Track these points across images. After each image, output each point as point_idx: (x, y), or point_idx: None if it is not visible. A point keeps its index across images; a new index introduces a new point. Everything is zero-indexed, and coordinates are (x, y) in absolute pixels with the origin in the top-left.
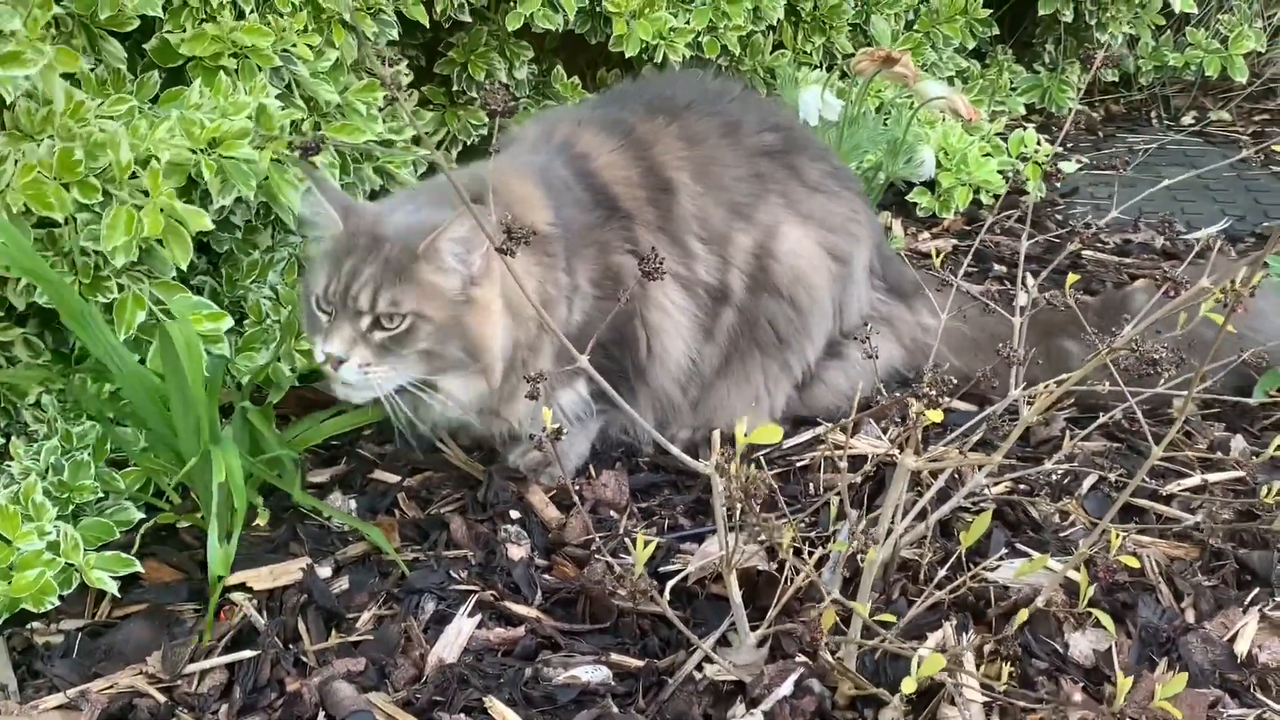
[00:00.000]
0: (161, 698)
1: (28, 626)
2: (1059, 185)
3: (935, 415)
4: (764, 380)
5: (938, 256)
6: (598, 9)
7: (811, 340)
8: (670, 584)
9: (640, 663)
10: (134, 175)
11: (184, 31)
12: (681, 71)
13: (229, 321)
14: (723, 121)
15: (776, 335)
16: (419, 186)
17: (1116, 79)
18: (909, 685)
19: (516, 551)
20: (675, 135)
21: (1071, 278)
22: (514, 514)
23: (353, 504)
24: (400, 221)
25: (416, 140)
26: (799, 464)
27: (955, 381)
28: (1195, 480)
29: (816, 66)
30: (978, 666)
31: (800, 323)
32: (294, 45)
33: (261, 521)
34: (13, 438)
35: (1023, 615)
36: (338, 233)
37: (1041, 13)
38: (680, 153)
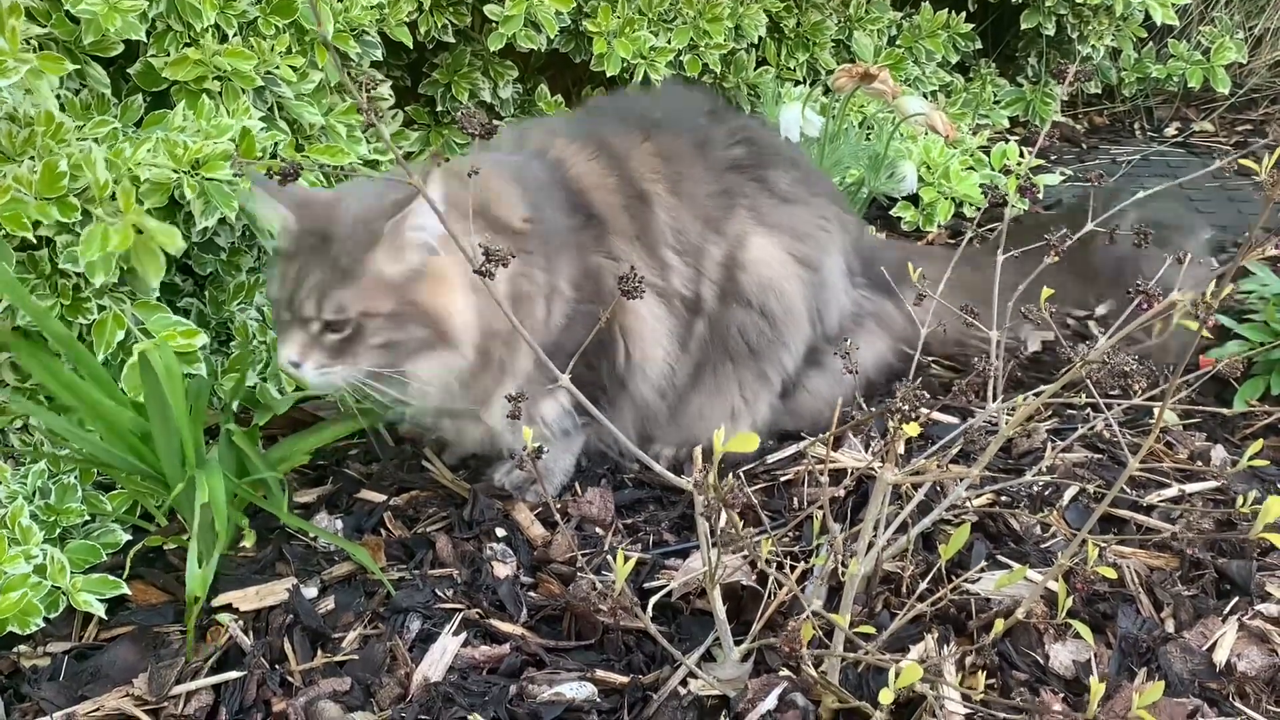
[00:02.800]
0: (147, 719)
1: (14, 649)
2: (1040, 198)
3: (912, 430)
4: (739, 391)
5: (915, 275)
6: (579, 28)
7: (788, 349)
8: (655, 599)
9: (625, 679)
10: (114, 196)
11: (167, 55)
12: (660, 87)
13: (204, 338)
14: (694, 138)
15: (748, 345)
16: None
17: (1099, 91)
18: (886, 696)
19: (502, 569)
20: (650, 151)
21: (1046, 292)
22: (500, 531)
23: (339, 523)
24: (355, 209)
25: (410, 158)
26: (783, 478)
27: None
28: (1175, 491)
29: (800, 83)
30: (960, 678)
31: (773, 333)
32: (277, 67)
33: (248, 543)
34: (0, 461)
35: (999, 626)
36: (292, 229)
37: (1024, 26)
38: (655, 167)
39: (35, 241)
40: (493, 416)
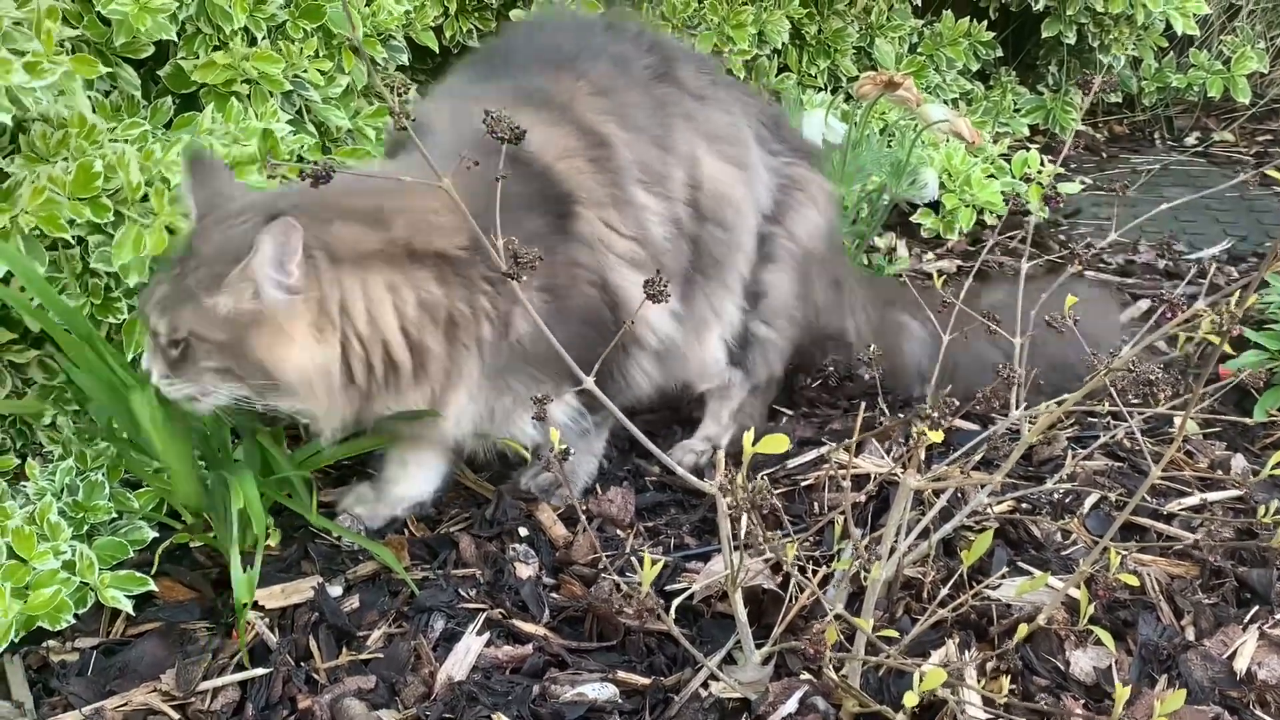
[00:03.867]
0: (176, 715)
1: (43, 645)
2: (1062, 206)
3: (936, 436)
4: (709, 304)
5: (939, 278)
6: None
7: (743, 250)
8: (676, 602)
9: (647, 680)
10: (145, 198)
11: (197, 58)
12: (544, 19)
13: None
14: (611, 59)
15: (715, 258)
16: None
17: (1120, 100)
18: (910, 699)
19: (524, 570)
20: (587, 90)
21: (1071, 300)
22: (522, 532)
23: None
24: (232, 233)
25: None
26: (803, 483)
27: None
28: (1195, 499)
29: (821, 89)
30: (980, 683)
31: (730, 239)
32: (305, 71)
33: (274, 542)
34: (28, 458)
35: (1023, 630)
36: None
37: (1044, 35)
38: (598, 105)
39: (68, 242)
40: (450, 424)
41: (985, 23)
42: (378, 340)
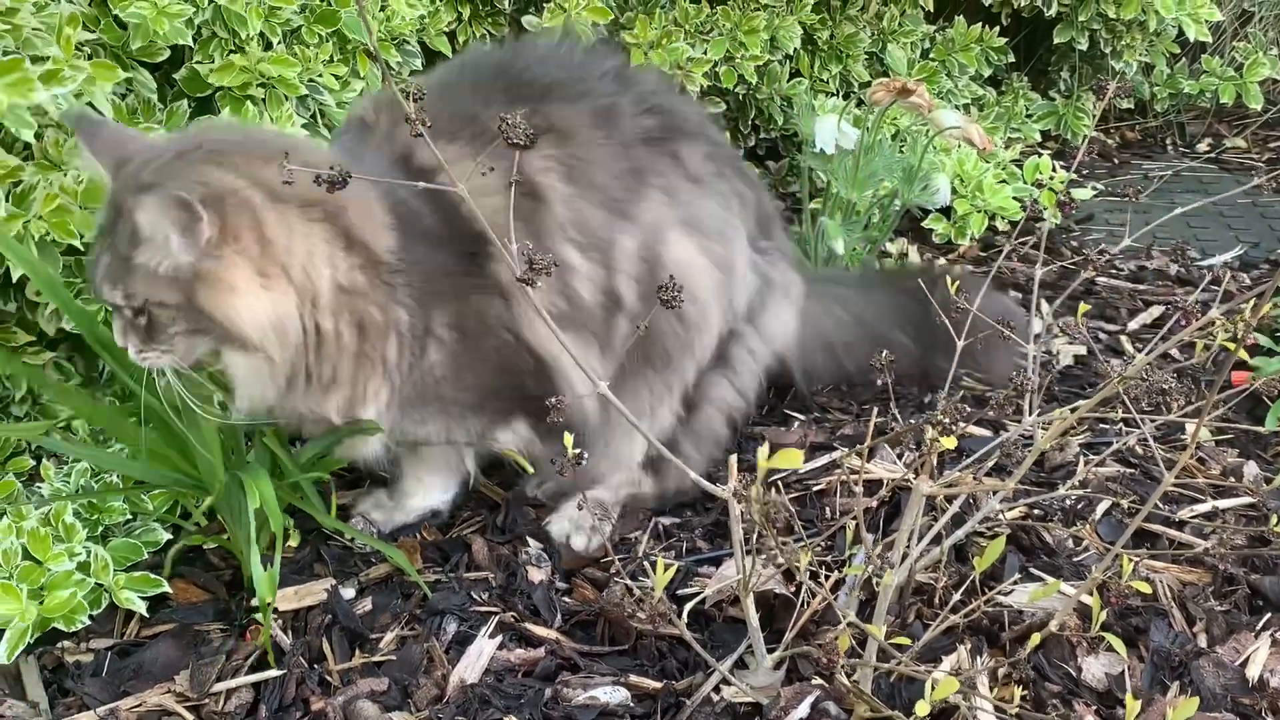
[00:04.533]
0: (190, 716)
1: (58, 645)
2: (1074, 213)
3: (949, 442)
4: (649, 398)
5: (953, 287)
6: (614, 39)
7: (694, 357)
8: (688, 606)
9: (658, 684)
10: None
11: (213, 62)
12: (543, 42)
13: None
14: (594, 106)
15: (664, 349)
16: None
17: (1132, 106)
18: (923, 707)
19: (537, 574)
20: (539, 128)
21: (1083, 306)
22: (534, 536)
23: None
24: (143, 179)
25: None
26: (815, 488)
27: None
28: (1208, 506)
29: (833, 94)
30: (991, 689)
31: (686, 338)
32: (320, 75)
33: (293, 543)
34: (43, 460)
35: (1036, 638)
36: (106, 196)
37: (1056, 41)
38: (547, 149)
39: (78, 248)
40: (330, 410)
41: (997, 29)
42: (309, 298)
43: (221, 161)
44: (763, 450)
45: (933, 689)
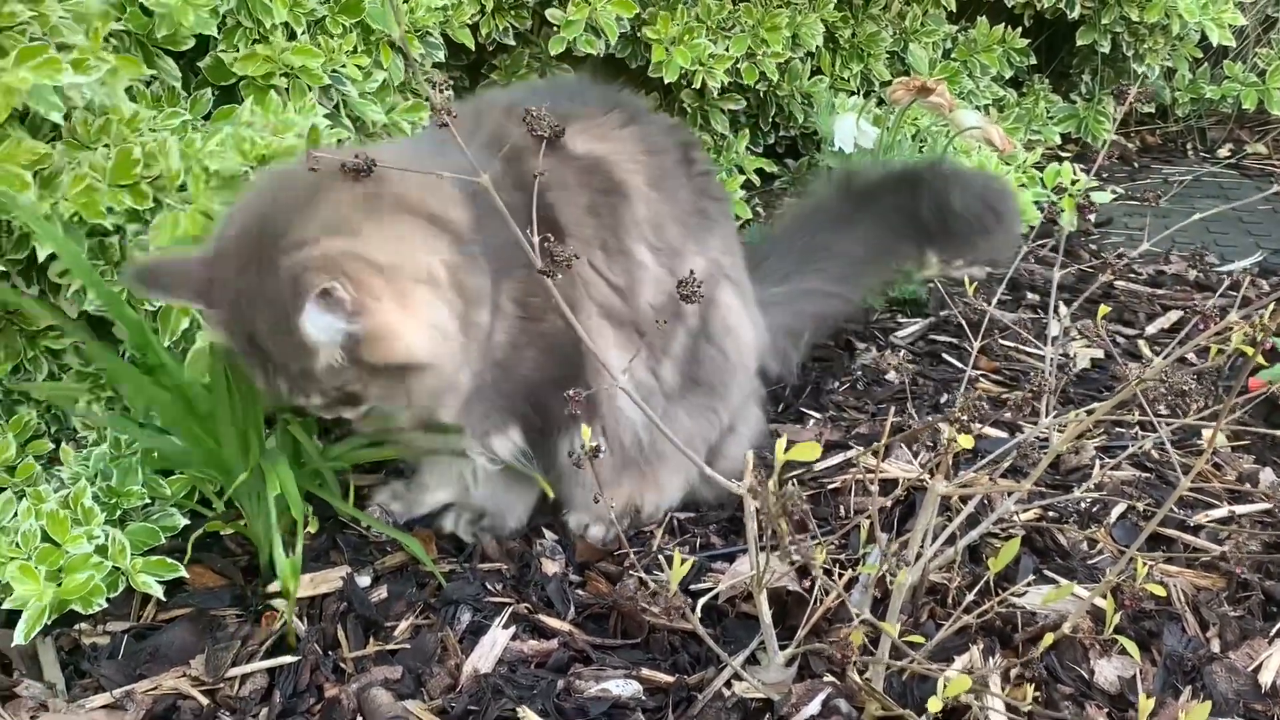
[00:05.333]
0: (204, 700)
1: (75, 627)
2: (1092, 217)
3: (967, 441)
4: (704, 420)
5: (972, 288)
6: (638, 35)
7: (729, 399)
8: (701, 602)
9: (670, 678)
10: (183, 187)
11: (237, 51)
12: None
13: None
14: (681, 145)
15: (710, 377)
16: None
17: (1153, 110)
18: (935, 704)
19: (550, 566)
20: (633, 137)
21: (1103, 309)
22: (548, 528)
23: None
24: (262, 307)
25: None
26: (829, 487)
27: None
28: (1224, 511)
29: (854, 93)
30: (1003, 690)
31: (728, 370)
32: (343, 66)
33: (312, 529)
34: (63, 443)
35: (1049, 639)
36: (215, 319)
37: (1079, 43)
38: (637, 155)
39: (106, 229)
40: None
41: (1019, 30)
42: (423, 275)
43: (300, 219)
44: (780, 442)
45: (945, 686)
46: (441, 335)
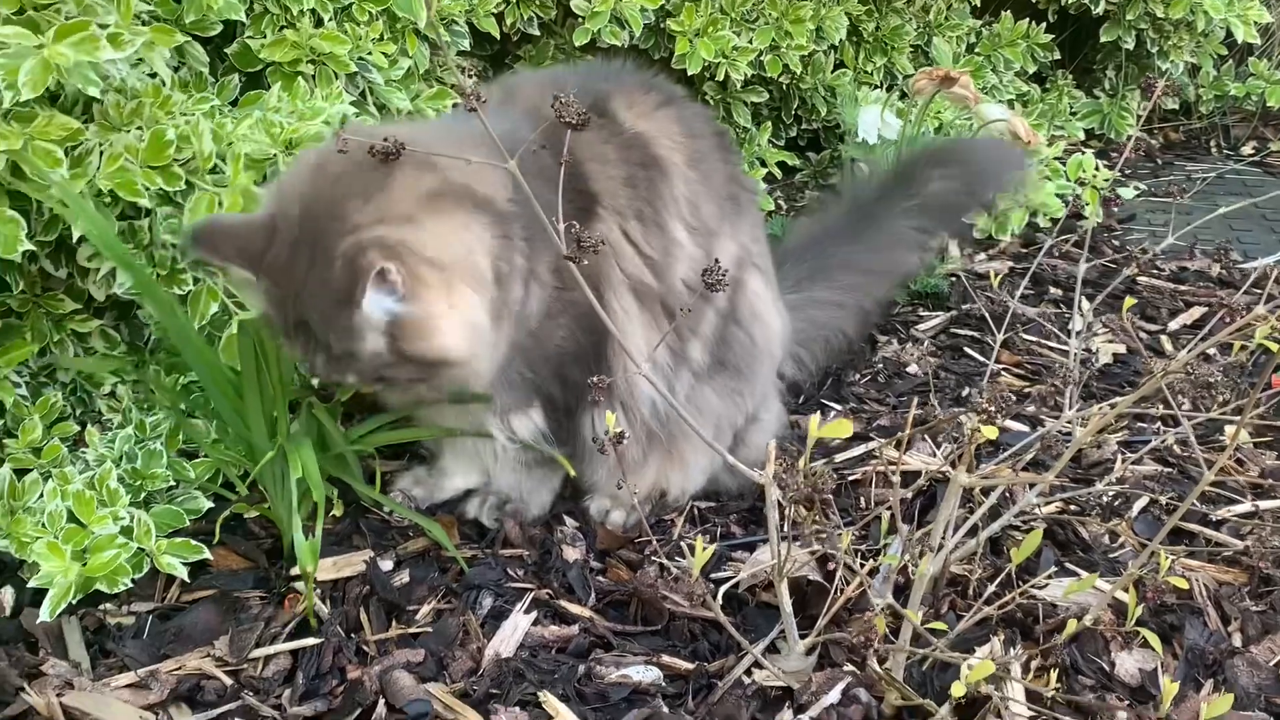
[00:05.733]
0: (228, 680)
1: (100, 607)
2: (1116, 211)
3: (991, 432)
4: (730, 403)
5: (995, 279)
6: (662, 26)
7: (754, 386)
8: (722, 590)
9: (690, 665)
10: (214, 169)
11: (264, 37)
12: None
13: None
14: (716, 133)
15: (737, 360)
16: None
17: (1177, 107)
18: (958, 689)
19: (572, 553)
20: (670, 118)
21: (1129, 301)
22: (569, 515)
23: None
24: (315, 285)
25: None
26: (850, 478)
27: None
28: (1246, 506)
29: (877, 86)
30: (1026, 681)
31: (755, 356)
32: (370, 53)
33: (336, 512)
34: (88, 426)
35: (1072, 625)
36: (263, 290)
37: (1103, 39)
38: (675, 135)
39: (135, 212)
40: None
41: (1044, 25)
42: (480, 278)
43: (355, 205)
44: (814, 418)
45: (968, 671)
46: (476, 333)
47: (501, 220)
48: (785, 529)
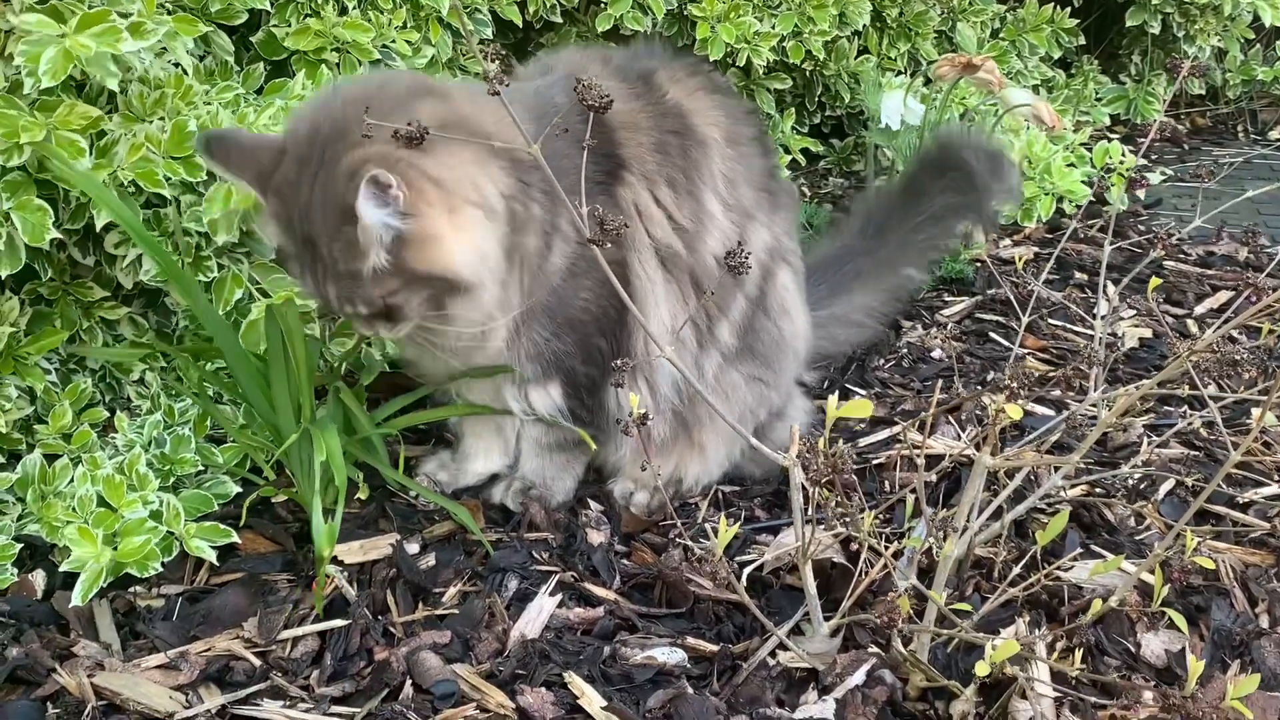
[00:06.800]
0: (257, 661)
1: (130, 590)
2: (1142, 196)
3: (1015, 412)
4: (756, 391)
5: (1020, 262)
6: (684, 12)
7: (780, 379)
8: (746, 572)
9: (715, 647)
10: None
11: (289, 26)
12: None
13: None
14: (758, 130)
15: (765, 350)
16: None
17: (1203, 92)
18: (983, 669)
19: (596, 536)
20: (714, 103)
21: (1155, 281)
22: (594, 498)
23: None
24: (319, 197)
25: None
26: (875, 462)
27: None
28: (1273, 489)
29: (901, 73)
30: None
31: (781, 348)
32: (393, 41)
33: (362, 496)
34: (117, 412)
35: (1098, 605)
36: (272, 214)
37: (1129, 24)
38: (718, 117)
39: (159, 201)
40: (490, 351)
41: (1069, 10)
42: (490, 209)
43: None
44: (832, 399)
45: (993, 650)
46: (483, 259)
47: (520, 167)
48: (809, 511)
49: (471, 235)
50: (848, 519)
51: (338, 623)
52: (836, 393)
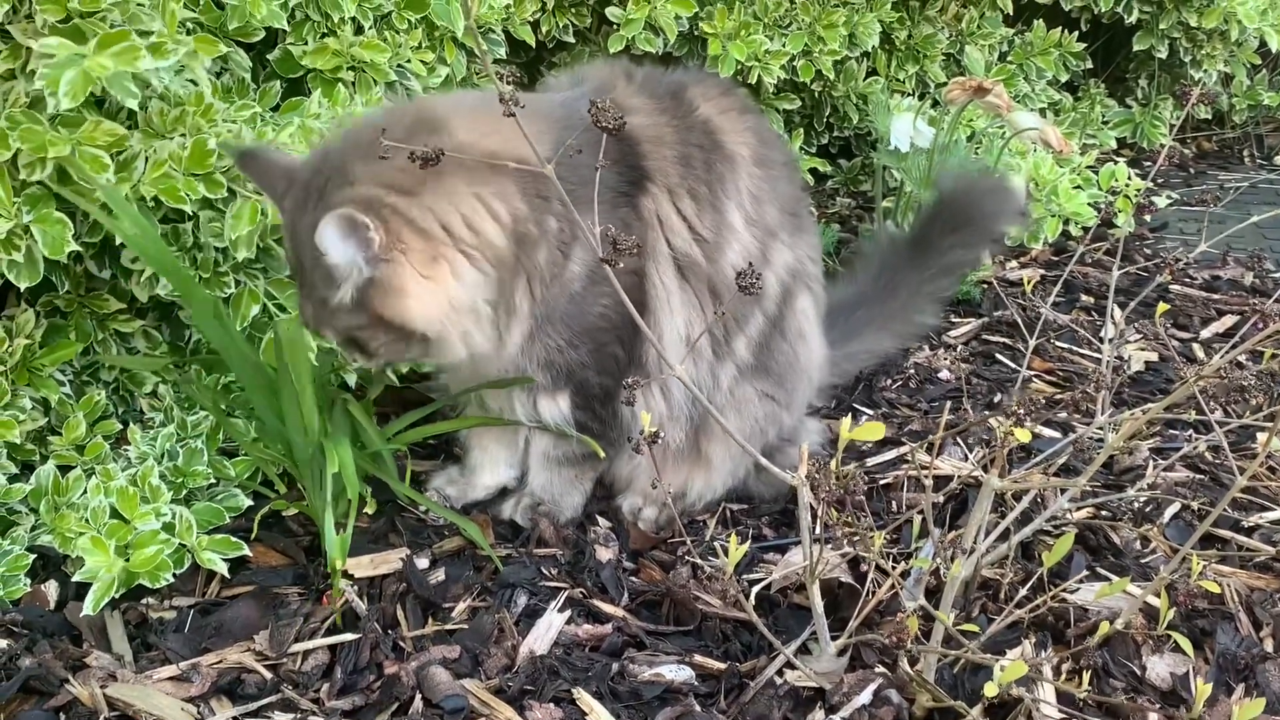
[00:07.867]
0: (268, 674)
1: (143, 601)
2: (1149, 220)
3: (1024, 435)
4: (768, 409)
5: (1028, 285)
6: (695, 32)
7: (794, 401)
8: (754, 591)
9: (722, 665)
10: None
11: (306, 44)
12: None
13: None
14: (787, 155)
15: (780, 370)
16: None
17: (1210, 116)
18: (991, 690)
19: (605, 553)
20: (746, 124)
21: (1161, 307)
22: (603, 515)
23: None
24: (308, 222)
25: None
26: (882, 482)
27: None
28: (1278, 513)
29: (909, 94)
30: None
31: (796, 371)
32: (409, 61)
33: (370, 510)
34: (131, 424)
35: (1105, 628)
36: (285, 227)
37: (1136, 48)
38: (743, 131)
39: (177, 216)
40: (505, 359)
41: (1076, 34)
42: (484, 249)
43: (361, 167)
44: (845, 420)
45: (1000, 672)
46: (450, 313)
47: (539, 180)
48: (817, 531)
49: (443, 289)
50: (856, 539)
51: (348, 636)
52: (848, 415)
